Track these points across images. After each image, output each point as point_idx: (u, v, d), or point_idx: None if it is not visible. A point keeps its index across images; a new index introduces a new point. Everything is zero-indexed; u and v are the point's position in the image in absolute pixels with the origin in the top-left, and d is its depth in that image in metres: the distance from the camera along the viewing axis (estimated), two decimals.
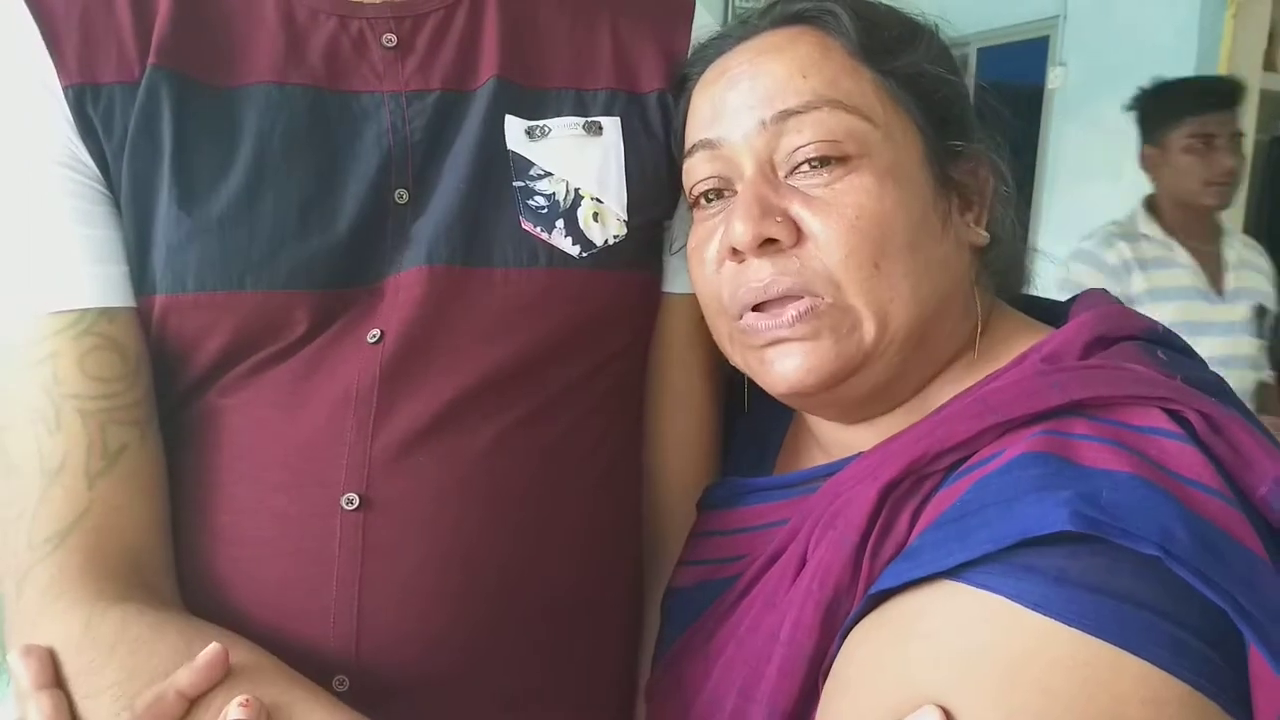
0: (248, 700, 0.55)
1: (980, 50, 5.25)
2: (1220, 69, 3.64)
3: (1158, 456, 0.54)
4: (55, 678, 0.59)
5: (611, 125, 0.76)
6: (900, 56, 0.69)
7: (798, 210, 0.66)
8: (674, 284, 0.81)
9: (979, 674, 0.50)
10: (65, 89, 0.67)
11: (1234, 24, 3.60)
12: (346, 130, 0.71)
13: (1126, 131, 4.10)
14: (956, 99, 0.72)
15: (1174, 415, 0.56)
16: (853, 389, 0.68)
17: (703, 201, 0.73)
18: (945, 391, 0.69)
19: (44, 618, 0.61)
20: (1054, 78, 4.61)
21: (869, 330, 0.66)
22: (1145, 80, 3.65)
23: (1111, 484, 0.52)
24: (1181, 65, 3.83)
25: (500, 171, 0.73)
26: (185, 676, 0.56)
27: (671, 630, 0.77)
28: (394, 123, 0.72)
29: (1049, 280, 0.84)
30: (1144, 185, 4.00)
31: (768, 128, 0.68)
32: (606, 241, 0.74)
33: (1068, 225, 4.51)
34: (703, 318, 0.77)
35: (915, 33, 0.72)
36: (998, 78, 5.49)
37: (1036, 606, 0.50)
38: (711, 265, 0.71)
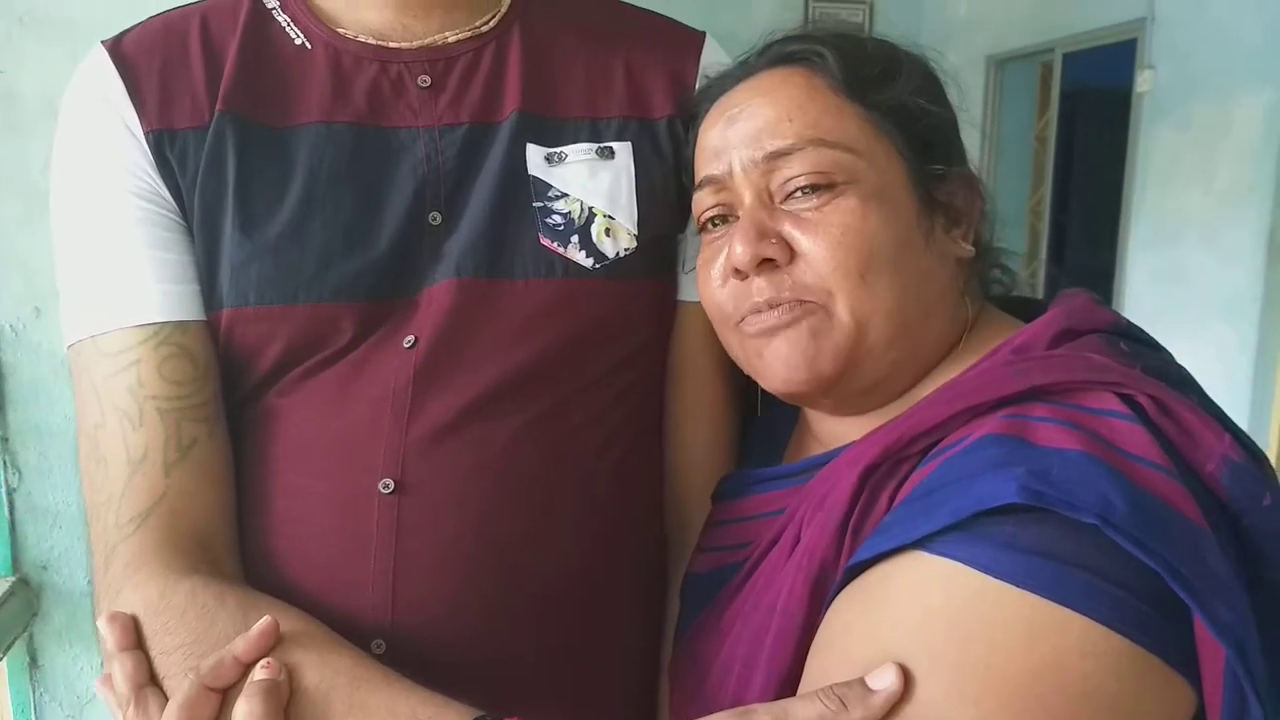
0: (269, 663, 0.63)
1: (1066, 55, 5.16)
2: None
3: (1108, 435, 0.58)
4: (137, 641, 0.68)
5: (623, 149, 0.84)
6: (882, 91, 0.75)
7: (790, 231, 0.73)
8: (690, 293, 0.87)
9: (933, 632, 0.55)
10: (147, 134, 0.78)
11: None
12: (386, 162, 0.80)
13: (1219, 134, 3.99)
14: (939, 126, 0.77)
15: (1127, 399, 0.60)
16: (845, 388, 0.74)
17: (709, 226, 0.80)
18: (931, 387, 0.73)
19: (126, 587, 0.71)
20: (1142, 81, 4.50)
21: (854, 335, 0.71)
22: (1236, 82, 3.53)
23: (1061, 461, 0.56)
24: (1272, 65, 3.71)
25: (522, 194, 0.81)
26: (241, 645, 0.64)
27: (688, 612, 0.83)
28: (428, 154, 0.80)
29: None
30: (1239, 189, 3.89)
31: (759, 165, 0.75)
32: (618, 254, 0.82)
33: (1160, 231, 4.40)
34: None
35: (896, 68, 0.77)
36: (1084, 82, 5.38)
37: (987, 570, 0.54)
38: (717, 281, 0.78)
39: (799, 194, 0.73)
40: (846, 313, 0.71)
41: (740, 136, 0.76)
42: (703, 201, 0.79)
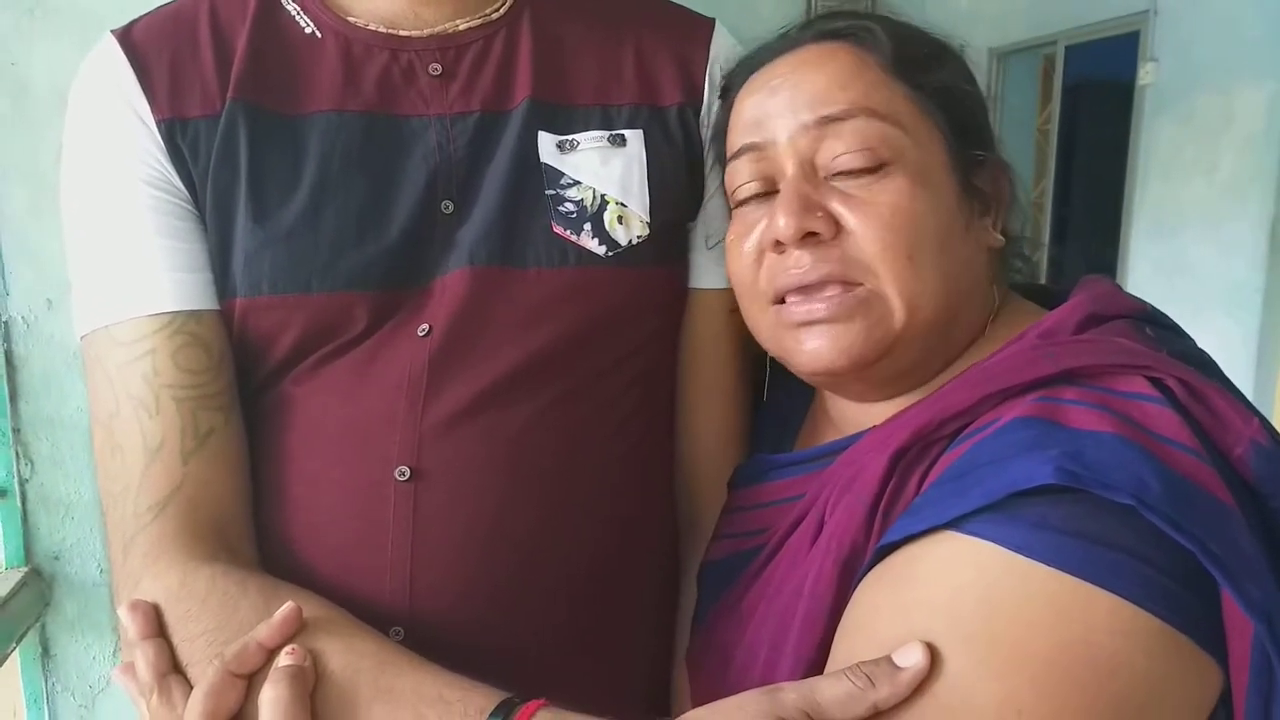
0: (294, 648, 0.63)
1: (1069, 47, 5.16)
2: None
3: (1139, 418, 0.58)
4: (159, 629, 0.68)
5: (635, 137, 0.83)
6: (930, 73, 0.74)
7: (836, 207, 0.72)
8: (701, 280, 0.87)
9: (962, 608, 0.54)
10: (158, 123, 0.77)
11: None
12: (398, 150, 0.79)
13: (1221, 126, 3.98)
14: (979, 113, 0.77)
15: (1157, 383, 0.60)
16: (880, 371, 0.74)
17: (745, 203, 0.78)
18: (956, 371, 0.73)
19: (146, 576, 0.71)
20: (1145, 73, 4.50)
21: (899, 318, 0.71)
22: (1238, 74, 3.52)
23: (1095, 443, 0.56)
24: (1274, 57, 3.71)
25: (534, 182, 0.80)
26: (265, 631, 0.64)
27: (706, 599, 0.83)
28: (440, 142, 0.80)
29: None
30: (1240, 180, 3.88)
31: (809, 130, 0.73)
32: (630, 242, 0.81)
33: (1162, 223, 4.40)
34: (730, 312, 0.84)
35: (943, 51, 0.77)
36: (1087, 75, 5.37)
37: (1018, 549, 0.54)
38: (751, 255, 0.77)
39: (846, 173, 0.72)
40: (896, 296, 0.70)
41: (785, 104, 0.75)
42: (739, 173, 0.78)
